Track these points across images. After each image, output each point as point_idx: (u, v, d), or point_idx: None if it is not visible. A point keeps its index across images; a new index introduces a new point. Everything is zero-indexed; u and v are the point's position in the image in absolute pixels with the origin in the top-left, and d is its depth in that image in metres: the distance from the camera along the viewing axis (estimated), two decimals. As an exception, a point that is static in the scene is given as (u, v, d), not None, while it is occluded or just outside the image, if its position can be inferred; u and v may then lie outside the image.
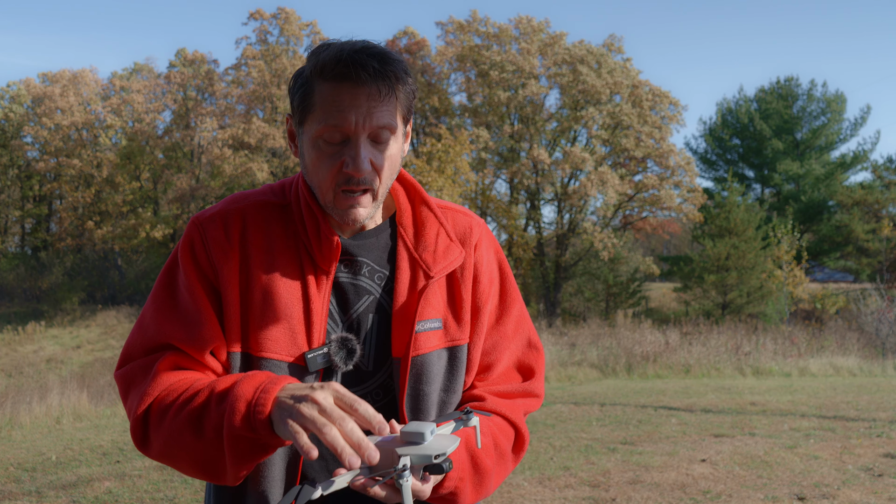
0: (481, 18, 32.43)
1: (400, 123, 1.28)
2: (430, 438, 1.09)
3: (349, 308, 1.31)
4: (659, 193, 30.16)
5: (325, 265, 1.29)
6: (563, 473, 5.51)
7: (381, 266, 1.34)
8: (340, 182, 1.24)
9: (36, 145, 38.84)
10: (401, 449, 1.08)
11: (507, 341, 1.43)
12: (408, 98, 1.29)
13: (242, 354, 1.26)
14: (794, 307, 26.52)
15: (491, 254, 1.44)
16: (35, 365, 24.41)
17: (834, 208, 35.17)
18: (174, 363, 1.24)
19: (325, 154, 1.24)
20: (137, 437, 1.23)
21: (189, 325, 1.25)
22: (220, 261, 1.28)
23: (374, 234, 1.36)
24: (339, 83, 1.21)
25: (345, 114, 1.21)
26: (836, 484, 5.16)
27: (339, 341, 1.28)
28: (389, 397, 1.32)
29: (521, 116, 31.77)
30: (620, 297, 30.97)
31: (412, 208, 1.40)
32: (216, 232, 1.30)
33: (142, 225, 35.00)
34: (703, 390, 10.55)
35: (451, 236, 1.38)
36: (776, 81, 38.47)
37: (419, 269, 1.33)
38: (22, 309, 33.90)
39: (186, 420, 1.15)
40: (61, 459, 6.43)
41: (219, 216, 1.32)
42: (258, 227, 1.31)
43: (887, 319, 16.18)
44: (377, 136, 1.24)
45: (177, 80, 35.97)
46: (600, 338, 16.20)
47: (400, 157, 1.31)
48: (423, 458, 1.07)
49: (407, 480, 1.05)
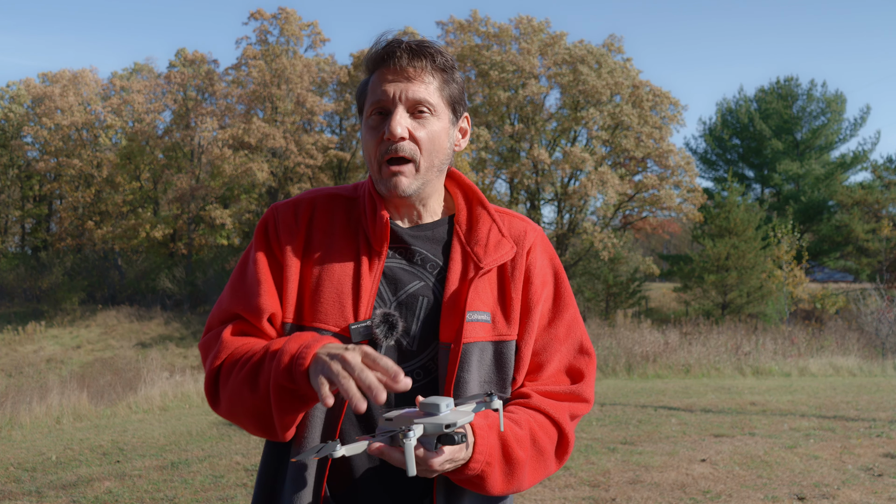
0: (482, 18, 32.43)
1: (443, 105, 1.41)
2: (445, 411, 1.17)
3: (399, 290, 1.40)
4: (659, 193, 30.16)
5: (378, 246, 1.40)
6: (563, 473, 5.51)
7: (435, 256, 1.44)
8: (383, 151, 1.37)
9: (36, 145, 38.84)
10: (417, 418, 1.17)
11: (558, 343, 1.46)
12: (449, 85, 1.42)
13: (295, 325, 1.38)
14: (794, 307, 26.51)
15: (545, 259, 1.50)
16: (35, 365, 24.40)
17: (834, 208, 35.16)
18: (239, 330, 1.39)
19: (372, 128, 1.39)
20: (210, 397, 1.38)
21: (250, 297, 1.39)
22: (286, 240, 1.42)
23: (430, 228, 1.46)
24: (382, 68, 1.38)
25: (385, 89, 1.36)
26: (836, 484, 5.16)
27: (382, 316, 1.36)
28: (429, 379, 1.37)
29: (521, 116, 31.77)
30: (620, 297, 30.96)
31: (468, 208, 1.50)
32: (287, 216, 1.45)
33: (142, 225, 34.98)
34: (703, 390, 10.55)
35: (504, 233, 1.46)
36: (776, 81, 38.47)
37: (470, 261, 1.41)
38: (22, 309, 33.89)
39: (245, 377, 1.29)
40: (61, 459, 6.43)
41: (292, 203, 1.48)
42: (325, 214, 1.46)
43: (887, 319, 16.17)
44: (414, 109, 1.37)
45: (177, 80, 35.95)
46: (600, 338, 16.19)
47: (446, 138, 1.42)
48: (436, 426, 1.15)
49: (411, 441, 1.12)
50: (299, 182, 34.19)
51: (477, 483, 1.30)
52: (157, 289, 34.92)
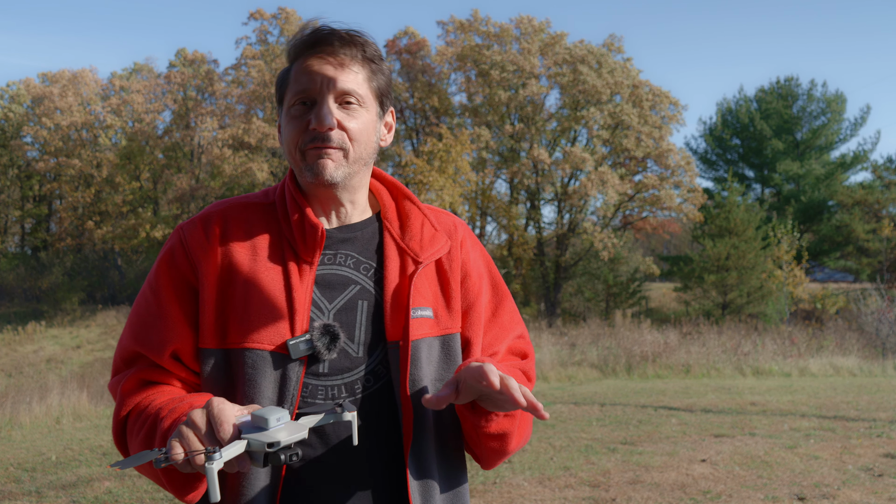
0: (482, 18, 32.43)
1: (371, 97, 1.35)
2: (274, 426, 1.05)
3: (335, 297, 1.32)
4: (659, 193, 30.15)
5: (308, 256, 1.31)
6: (563, 473, 5.50)
7: (366, 258, 1.37)
8: (306, 140, 1.30)
9: (36, 145, 38.83)
10: (246, 432, 1.05)
11: (506, 332, 1.46)
12: (378, 77, 1.36)
13: (221, 350, 1.27)
14: (794, 307, 26.50)
15: (477, 252, 1.48)
16: (35, 365, 24.41)
17: (834, 208, 35.14)
18: (139, 380, 1.29)
19: (295, 117, 1.31)
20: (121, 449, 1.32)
21: (149, 332, 1.29)
22: (199, 260, 1.31)
23: (359, 228, 1.39)
24: (308, 56, 1.31)
25: (312, 77, 1.29)
26: (836, 484, 5.15)
27: (322, 328, 1.27)
28: (381, 382, 1.30)
29: (521, 116, 31.76)
30: (620, 297, 30.94)
31: (396, 204, 1.44)
32: (196, 233, 1.33)
33: (142, 225, 34.97)
34: (703, 390, 10.54)
35: (436, 227, 1.42)
36: (776, 81, 38.45)
37: (407, 257, 1.36)
38: (22, 309, 33.89)
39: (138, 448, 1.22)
40: (61, 459, 6.42)
41: (199, 220, 1.36)
42: (239, 226, 1.35)
43: (887, 319, 16.16)
44: (343, 99, 1.31)
45: (177, 80, 35.95)
46: (600, 338, 16.19)
47: (373, 131, 1.36)
48: (259, 444, 1.03)
49: (214, 464, 0.99)
50: (299, 182, 34.21)
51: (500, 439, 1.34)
52: (157, 289, 34.90)
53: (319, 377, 1.27)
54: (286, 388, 1.24)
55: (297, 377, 1.24)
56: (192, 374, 1.30)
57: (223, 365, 1.27)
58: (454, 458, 1.37)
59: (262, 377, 1.24)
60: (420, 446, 1.29)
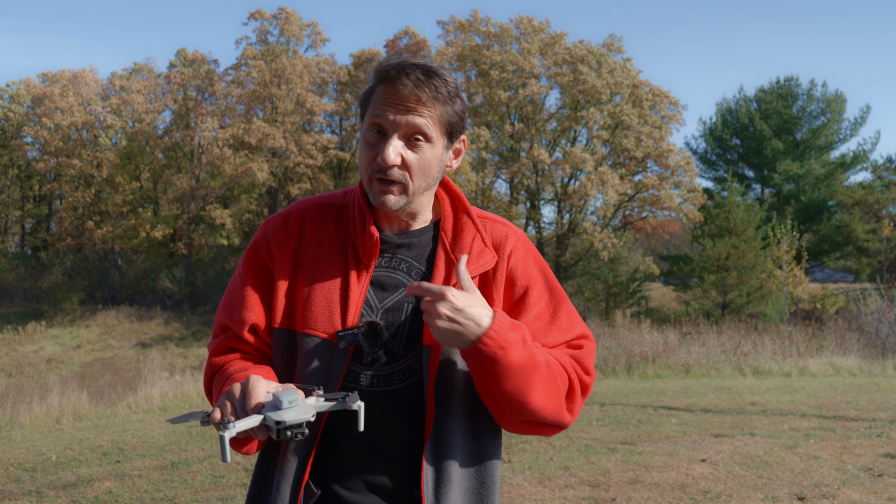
0: (482, 18, 32.43)
1: (438, 135, 1.45)
2: (286, 406, 1.23)
3: (386, 297, 1.48)
4: (659, 193, 30.15)
5: (367, 259, 1.48)
6: (563, 473, 5.51)
7: (419, 263, 1.51)
8: (374, 170, 1.43)
9: (36, 145, 38.84)
10: (266, 409, 1.24)
11: (563, 335, 1.52)
12: (449, 115, 1.45)
13: (287, 330, 1.48)
14: (794, 307, 26.50)
15: (529, 260, 1.56)
16: (35, 365, 24.43)
17: (834, 208, 35.13)
18: (225, 346, 1.54)
19: (368, 143, 1.45)
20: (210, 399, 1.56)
21: (234, 310, 1.53)
22: (277, 251, 1.52)
23: (417, 235, 1.53)
24: (388, 85, 1.42)
25: (386, 110, 1.41)
26: (836, 484, 5.16)
27: (368, 325, 1.44)
28: (414, 378, 1.45)
29: (521, 116, 31.77)
30: (620, 297, 30.95)
31: (454, 216, 1.56)
32: (278, 229, 1.54)
33: (142, 225, 34.98)
34: (702, 390, 10.55)
35: (487, 242, 1.52)
36: (776, 81, 38.43)
37: (454, 269, 1.47)
38: (22, 309, 33.89)
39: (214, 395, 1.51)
40: (61, 459, 6.43)
41: (282, 215, 1.57)
42: (315, 224, 1.54)
43: (887, 319, 16.17)
44: (410, 137, 1.42)
45: (177, 80, 35.94)
46: (600, 338, 16.18)
47: (437, 165, 1.47)
48: (270, 420, 1.22)
49: (229, 432, 1.20)
50: (299, 182, 34.20)
51: (488, 366, 1.33)
52: (157, 289, 34.92)
53: (363, 366, 1.44)
54: (332, 371, 1.43)
55: (342, 363, 1.43)
56: (266, 346, 1.53)
57: (287, 343, 1.48)
58: (480, 452, 1.47)
59: (314, 359, 1.44)
60: (440, 438, 1.42)
